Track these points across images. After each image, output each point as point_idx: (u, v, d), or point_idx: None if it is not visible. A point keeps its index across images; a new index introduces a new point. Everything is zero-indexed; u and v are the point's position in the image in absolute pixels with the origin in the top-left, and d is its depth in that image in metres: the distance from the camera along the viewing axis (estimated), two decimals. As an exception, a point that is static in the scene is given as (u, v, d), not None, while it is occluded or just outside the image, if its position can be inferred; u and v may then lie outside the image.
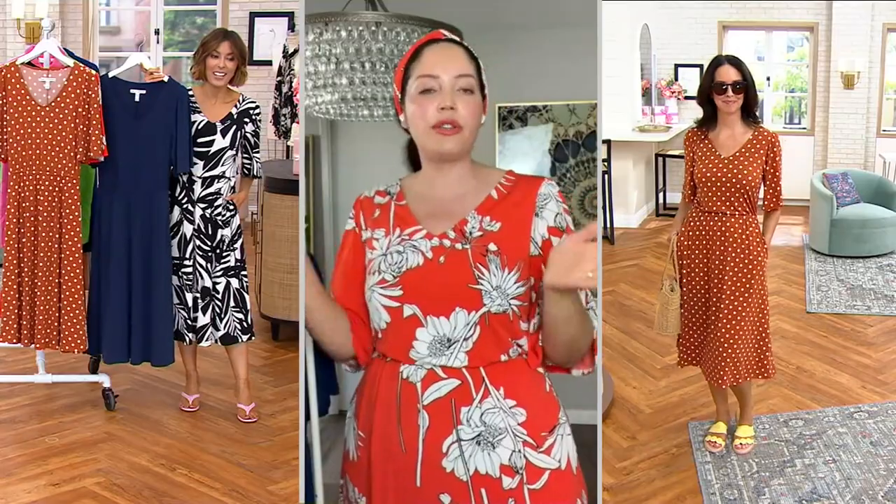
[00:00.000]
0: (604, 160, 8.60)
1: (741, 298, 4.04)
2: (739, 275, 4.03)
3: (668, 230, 4.31)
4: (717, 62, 4.00)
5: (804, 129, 10.99)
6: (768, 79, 11.04)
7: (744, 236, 4.03)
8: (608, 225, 8.67)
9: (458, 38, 2.04)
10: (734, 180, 3.99)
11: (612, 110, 9.11)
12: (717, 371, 4.10)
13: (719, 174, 4.01)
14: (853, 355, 5.64)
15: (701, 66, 10.61)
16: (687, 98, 10.57)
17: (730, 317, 4.04)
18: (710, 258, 4.09)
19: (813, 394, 5.01)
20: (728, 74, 3.95)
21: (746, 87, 3.96)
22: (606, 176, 8.62)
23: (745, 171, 3.98)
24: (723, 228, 4.04)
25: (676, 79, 10.91)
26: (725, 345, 4.05)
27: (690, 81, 10.62)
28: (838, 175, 8.59)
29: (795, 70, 11.76)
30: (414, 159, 2.12)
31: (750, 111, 4.04)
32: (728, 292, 4.04)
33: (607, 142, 8.67)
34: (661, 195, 10.28)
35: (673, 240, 4.18)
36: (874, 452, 4.27)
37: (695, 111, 10.11)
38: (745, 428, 4.37)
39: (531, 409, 1.92)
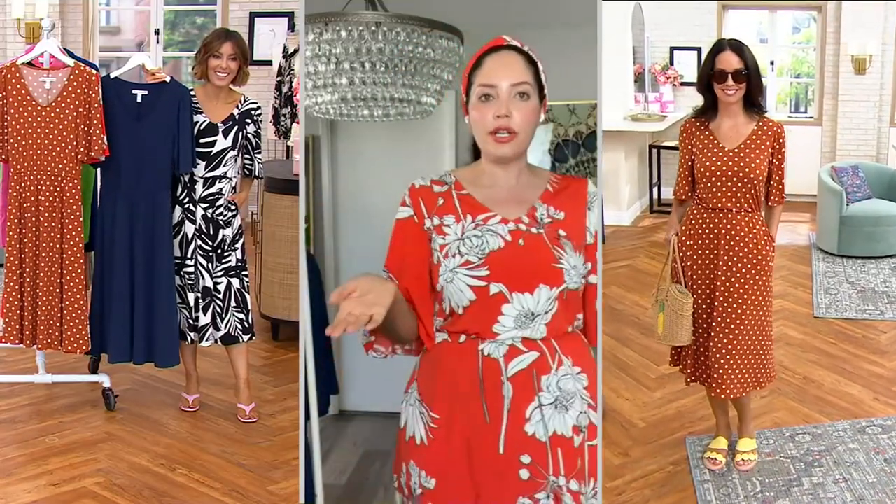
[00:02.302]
0: (594, 151, 8.29)
1: (749, 301, 3.83)
2: (748, 276, 3.83)
3: (664, 229, 4.09)
4: (719, 47, 3.80)
5: (811, 118, 10.38)
6: (772, 63, 10.39)
7: (751, 234, 3.83)
8: None
9: (518, 44, 2.18)
10: (741, 174, 3.78)
11: (602, 94, 8.74)
12: (718, 380, 3.86)
13: (724, 167, 3.80)
14: (865, 364, 5.38)
15: (698, 50, 10.04)
16: (683, 84, 10.05)
17: (738, 321, 3.83)
18: (716, 259, 3.87)
19: (821, 406, 4.77)
20: (729, 62, 3.75)
21: (749, 76, 3.76)
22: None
23: (753, 164, 3.78)
24: (728, 226, 3.83)
25: (672, 63, 10.32)
26: (732, 352, 3.83)
27: (687, 66, 10.11)
28: (848, 168, 8.10)
29: (801, 53, 11.17)
30: (477, 148, 2.26)
31: (753, 101, 3.83)
32: (735, 295, 3.83)
33: (597, 132, 8.43)
34: (655, 190, 9.72)
35: (673, 241, 3.96)
36: (888, 470, 4.05)
37: (692, 98, 9.78)
38: (746, 441, 4.15)
39: (590, 375, 2.16)
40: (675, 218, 4.10)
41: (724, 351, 3.87)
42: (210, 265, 4.44)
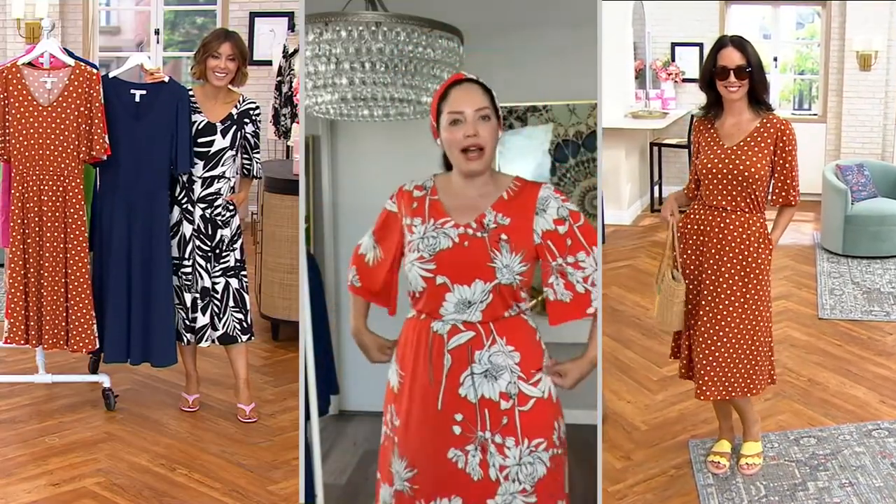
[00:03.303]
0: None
1: (736, 304, 3.77)
2: (736, 277, 3.77)
3: (663, 218, 3.91)
4: (721, 43, 3.74)
5: (815, 115, 10.20)
6: (775, 59, 10.23)
7: (744, 236, 3.77)
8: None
9: (474, 77, 2.70)
10: (735, 172, 3.72)
11: (602, 94, 8.29)
12: (699, 381, 3.82)
13: (720, 165, 3.75)
14: (870, 366, 5.29)
15: (700, 45, 9.96)
16: (685, 80, 9.97)
17: (722, 323, 3.78)
18: (704, 257, 3.82)
19: (826, 409, 4.69)
20: (731, 58, 3.68)
21: (751, 73, 3.69)
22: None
23: (749, 163, 3.71)
24: (721, 225, 3.78)
25: (673, 59, 10.21)
26: (715, 353, 3.79)
27: (689, 62, 10.02)
28: (853, 166, 7.96)
29: (805, 49, 10.99)
30: (448, 163, 2.76)
31: (758, 98, 3.75)
32: (723, 296, 3.77)
33: (598, 129, 8.16)
34: (656, 188, 9.62)
35: (672, 223, 3.84)
36: (895, 475, 3.97)
37: (694, 95, 9.73)
38: (750, 445, 4.06)
39: (524, 353, 2.61)
40: (672, 199, 3.98)
41: (706, 352, 3.81)
42: (208, 265, 4.44)
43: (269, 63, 8.23)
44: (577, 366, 2.73)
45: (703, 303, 3.84)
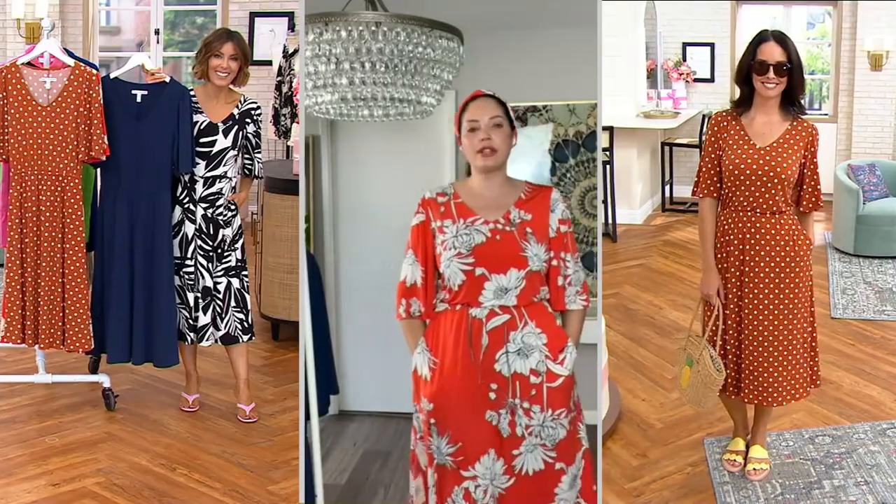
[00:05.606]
0: (605, 149, 7.86)
1: (791, 305, 3.69)
2: (782, 275, 3.68)
3: (708, 296, 3.78)
4: (761, 37, 3.63)
5: (826, 115, 10.16)
6: None
7: (779, 235, 3.67)
8: (610, 221, 8.15)
9: (491, 93, 2.96)
10: (771, 174, 3.62)
11: (614, 94, 8.03)
12: (766, 390, 3.73)
13: (754, 166, 3.63)
14: (884, 366, 5.27)
15: (712, 45, 10.04)
16: (696, 80, 9.98)
17: (781, 328, 3.69)
18: (745, 262, 3.71)
19: (841, 408, 4.68)
20: (772, 53, 3.57)
21: (791, 70, 3.59)
22: (608, 167, 7.97)
23: (785, 165, 3.62)
24: (757, 226, 3.68)
25: (685, 59, 10.19)
26: (780, 360, 3.70)
27: (700, 62, 10.03)
28: (865, 166, 7.95)
29: (816, 49, 11.02)
30: (469, 170, 3.05)
31: (794, 98, 3.66)
32: (766, 301, 3.69)
33: (609, 129, 7.97)
34: (667, 188, 9.67)
35: (719, 288, 3.71)
36: None
37: (705, 95, 9.68)
38: (759, 449, 4.00)
39: (550, 335, 2.92)
40: (713, 264, 3.79)
41: (769, 362, 3.73)
42: (210, 265, 4.44)
43: (269, 63, 8.23)
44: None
45: (748, 311, 3.74)
